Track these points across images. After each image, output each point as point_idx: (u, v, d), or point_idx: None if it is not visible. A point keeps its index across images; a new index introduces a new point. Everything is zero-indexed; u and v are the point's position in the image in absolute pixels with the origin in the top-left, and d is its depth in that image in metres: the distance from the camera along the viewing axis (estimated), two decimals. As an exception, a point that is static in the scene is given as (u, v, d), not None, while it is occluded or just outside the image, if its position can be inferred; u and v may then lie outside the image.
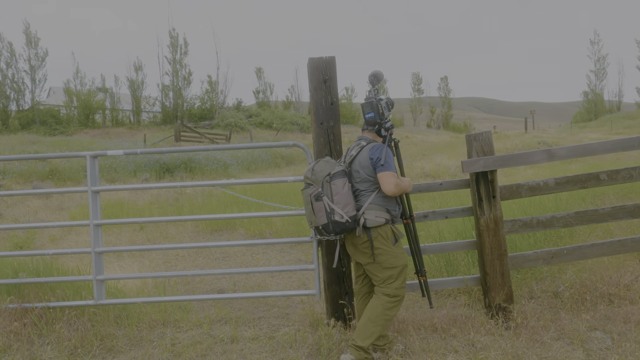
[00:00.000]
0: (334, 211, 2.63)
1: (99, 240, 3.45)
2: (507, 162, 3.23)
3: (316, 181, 2.70)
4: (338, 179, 2.68)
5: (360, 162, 2.76)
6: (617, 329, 3.02)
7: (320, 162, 2.78)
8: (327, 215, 2.64)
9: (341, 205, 2.64)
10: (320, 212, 2.66)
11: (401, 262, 2.74)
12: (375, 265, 2.72)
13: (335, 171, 2.69)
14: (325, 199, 2.65)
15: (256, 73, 50.09)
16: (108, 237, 6.66)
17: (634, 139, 3.23)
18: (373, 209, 2.72)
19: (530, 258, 3.34)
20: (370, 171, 2.72)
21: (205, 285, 4.56)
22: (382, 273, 2.72)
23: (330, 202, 2.64)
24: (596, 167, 9.89)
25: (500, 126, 75.32)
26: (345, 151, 2.96)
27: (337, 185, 2.66)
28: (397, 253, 2.74)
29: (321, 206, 2.66)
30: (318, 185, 2.69)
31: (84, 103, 36.07)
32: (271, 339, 3.22)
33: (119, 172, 14.37)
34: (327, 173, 2.69)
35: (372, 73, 2.89)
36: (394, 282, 2.72)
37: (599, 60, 48.73)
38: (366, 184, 2.75)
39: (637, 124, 33.09)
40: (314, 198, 2.68)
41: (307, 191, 2.73)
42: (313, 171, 2.73)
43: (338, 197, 2.65)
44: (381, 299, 2.72)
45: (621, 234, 4.68)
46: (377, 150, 2.72)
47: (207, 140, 24.46)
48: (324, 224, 2.66)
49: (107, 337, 3.29)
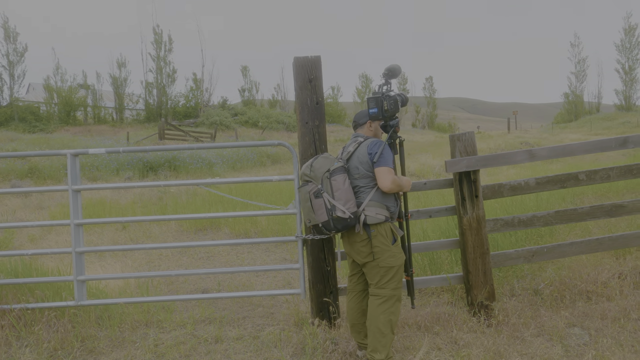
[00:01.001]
0: (335, 207, 2.57)
1: (79, 240, 3.39)
2: (490, 162, 3.28)
3: (315, 178, 2.63)
4: (338, 174, 2.61)
5: (359, 158, 2.69)
6: (595, 325, 3.09)
7: (319, 158, 2.71)
8: (328, 212, 2.57)
9: (342, 201, 2.58)
10: (320, 209, 2.59)
11: (398, 262, 2.67)
12: (373, 264, 2.66)
13: (335, 167, 2.63)
14: (326, 195, 2.59)
15: (242, 71, 49.78)
16: (90, 236, 6.54)
17: (611, 140, 3.32)
18: (373, 206, 2.65)
19: (511, 256, 3.40)
20: (369, 167, 2.66)
21: (189, 285, 4.52)
22: (379, 272, 2.65)
23: (331, 198, 2.58)
24: (576, 167, 10.12)
25: (484, 126, 76.39)
26: (341, 149, 2.91)
27: (338, 181, 2.60)
28: (395, 252, 2.68)
29: (321, 203, 2.59)
30: (317, 182, 2.62)
31: (64, 100, 35.29)
32: (256, 338, 3.21)
33: (101, 170, 14.12)
34: (327, 169, 2.62)
35: (387, 67, 2.77)
36: (389, 282, 2.65)
37: (579, 62, 49.78)
38: (365, 180, 2.69)
39: (615, 125, 33.94)
40: (314, 195, 2.61)
41: (306, 188, 2.66)
42: (312, 167, 2.66)
43: (339, 193, 2.59)
44: (380, 306, 2.64)
45: (599, 233, 4.80)
46: (376, 145, 2.67)
47: (192, 139, 24.21)
48: (324, 221, 2.59)
49: (88, 339, 3.24)
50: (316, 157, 2.74)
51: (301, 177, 2.76)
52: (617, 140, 3.32)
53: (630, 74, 45.65)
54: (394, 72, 2.77)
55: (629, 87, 45.84)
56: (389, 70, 2.76)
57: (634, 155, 11.05)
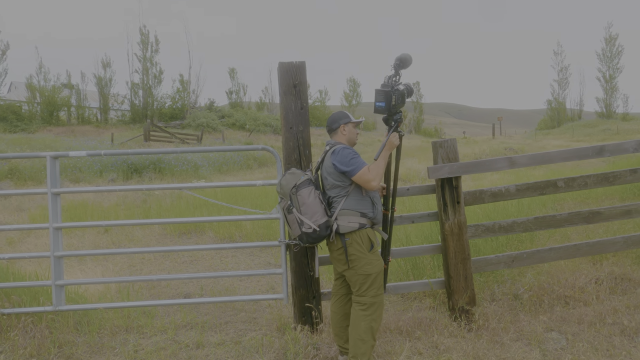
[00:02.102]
0: (302, 222, 2.63)
1: (58, 244, 3.33)
2: (471, 169, 3.33)
3: (284, 195, 2.73)
4: (303, 189, 2.66)
5: (326, 169, 2.75)
6: (572, 329, 3.16)
7: (286, 175, 2.77)
8: (299, 227, 2.64)
9: (308, 215, 2.62)
10: (293, 224, 2.68)
11: (376, 269, 2.66)
12: (351, 271, 2.68)
13: (301, 181, 2.68)
14: (294, 210, 2.66)
15: (229, 73, 49.58)
16: (70, 239, 6.43)
17: (588, 148, 3.40)
18: (346, 215, 2.66)
19: (492, 262, 3.45)
20: (337, 176, 2.69)
21: (172, 289, 4.47)
22: (358, 280, 2.66)
23: (299, 213, 2.64)
24: (558, 173, 10.33)
25: (470, 131, 77.40)
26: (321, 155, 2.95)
27: (303, 196, 2.64)
28: (372, 259, 2.67)
29: (293, 219, 2.67)
30: (287, 199, 2.71)
31: (47, 99, 34.65)
32: (237, 344, 3.19)
33: (83, 171, 13.89)
34: (293, 185, 2.68)
35: (398, 57, 2.63)
36: (368, 290, 2.65)
37: (562, 70, 50.88)
38: (336, 190, 2.71)
39: (596, 132, 34.74)
40: (287, 211, 2.70)
41: (281, 205, 2.78)
42: (281, 185, 2.75)
43: (305, 207, 2.64)
44: (360, 314, 2.66)
45: (577, 239, 4.90)
46: (338, 154, 2.66)
47: (178, 141, 23.99)
48: (298, 235, 2.68)
49: (65, 345, 3.18)
50: (284, 174, 2.80)
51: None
52: (594, 149, 3.40)
53: (611, 82, 46.81)
54: (405, 62, 2.61)
55: (610, 95, 47.00)
56: (400, 60, 2.61)
57: (613, 162, 11.32)
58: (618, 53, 46.58)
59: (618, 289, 3.70)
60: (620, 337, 3.00)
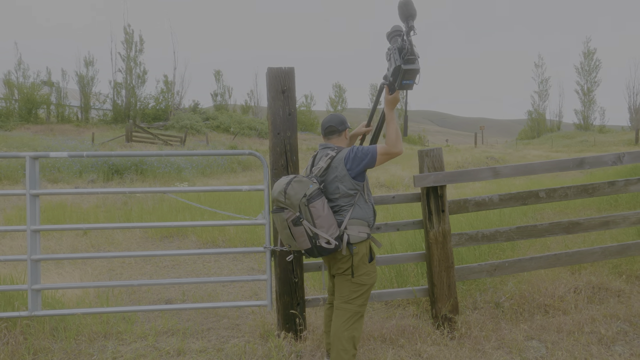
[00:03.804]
0: (317, 236, 2.44)
1: (36, 247, 3.23)
2: (456, 178, 3.37)
3: (292, 205, 2.44)
4: (317, 200, 2.45)
5: (338, 177, 2.57)
6: (551, 338, 3.21)
7: (292, 183, 2.48)
8: (310, 240, 2.44)
9: (325, 228, 2.45)
10: (301, 237, 2.45)
11: (371, 281, 2.62)
12: (347, 278, 2.59)
13: (311, 191, 2.46)
14: (306, 223, 2.44)
15: (215, 75, 49.30)
16: (47, 242, 6.26)
17: (569, 160, 3.49)
18: (355, 224, 2.57)
19: (475, 270, 3.49)
20: (351, 184, 2.56)
21: (153, 294, 4.38)
22: (350, 288, 2.58)
23: (312, 226, 2.44)
24: (539, 183, 10.54)
25: (452, 140, 78.53)
26: (311, 159, 2.79)
27: (317, 208, 2.44)
28: (370, 271, 2.62)
29: (302, 231, 2.44)
30: (294, 210, 2.44)
31: (26, 96, 33.80)
32: (220, 351, 3.15)
33: (63, 172, 13.56)
34: (303, 194, 2.44)
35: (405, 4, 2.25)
36: (357, 299, 2.59)
37: (542, 82, 52.22)
38: (346, 198, 2.58)
39: (574, 143, 35.68)
40: (292, 223, 2.45)
41: (282, 215, 2.48)
42: (286, 195, 2.45)
43: (320, 220, 2.44)
44: (344, 322, 2.58)
45: (557, 248, 5.00)
46: (351, 156, 2.55)
47: (161, 142, 23.67)
48: (307, 248, 2.47)
49: (41, 351, 3.08)
50: (289, 181, 2.50)
51: (274, 201, 2.54)
52: (575, 161, 3.49)
53: (589, 95, 48.25)
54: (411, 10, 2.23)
55: (587, 108, 48.42)
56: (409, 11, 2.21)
57: (591, 174, 11.63)
58: (596, 67, 48.07)
59: (596, 298, 3.79)
60: (597, 346, 3.07)
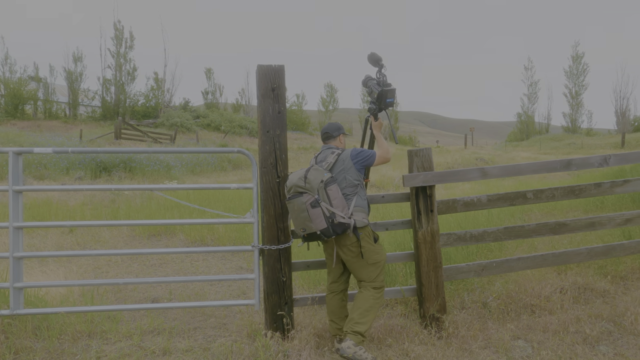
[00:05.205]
0: (334, 214, 2.82)
1: (18, 245, 3.17)
2: (445, 178, 3.38)
3: (311, 189, 2.83)
4: (332, 184, 2.88)
5: (345, 169, 2.99)
6: (537, 337, 3.24)
7: (311, 171, 2.91)
8: (327, 220, 2.80)
9: (340, 208, 2.86)
10: (318, 217, 2.79)
11: (383, 257, 3.03)
12: (362, 262, 2.94)
13: (327, 178, 2.88)
14: (324, 204, 2.82)
15: (206, 73, 48.97)
16: (32, 239, 6.15)
17: (556, 162, 3.52)
18: (358, 212, 2.95)
19: (463, 270, 3.50)
20: (356, 175, 3.00)
21: (139, 293, 4.33)
22: (367, 269, 2.96)
23: (329, 206, 2.83)
24: (527, 184, 10.65)
25: (443, 141, 79.11)
26: (313, 158, 3.14)
27: (333, 191, 2.86)
28: (379, 249, 3.02)
29: (319, 212, 2.80)
30: (313, 193, 2.82)
31: (12, 92, 33.17)
32: (206, 350, 3.11)
33: (49, 168, 13.36)
34: (320, 180, 2.85)
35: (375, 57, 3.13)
36: (379, 275, 3.00)
37: (532, 85, 52.75)
38: (351, 188, 2.99)
39: (562, 146, 36.13)
40: (311, 205, 2.80)
41: (301, 199, 2.82)
42: (307, 180, 2.86)
43: (336, 201, 2.86)
44: (370, 292, 2.96)
45: (544, 249, 5.05)
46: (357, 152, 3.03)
47: (150, 140, 23.43)
48: (323, 228, 2.80)
49: (22, 351, 3.02)
50: (308, 169, 2.93)
51: (291, 188, 2.89)
52: (562, 162, 3.52)
53: (577, 98, 48.86)
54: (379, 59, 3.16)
55: (575, 111, 49.03)
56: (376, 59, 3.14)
57: (578, 176, 11.78)
58: (584, 71, 48.70)
59: (581, 298, 3.83)
60: (582, 346, 3.10)
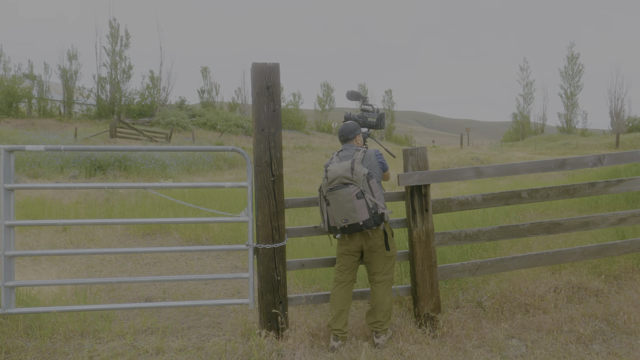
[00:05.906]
0: (377, 206, 2.98)
1: (10, 243, 3.14)
2: (440, 177, 3.38)
3: (358, 181, 2.96)
4: (373, 178, 3.03)
5: (371, 166, 3.15)
6: (531, 336, 3.24)
7: (356, 163, 3.03)
8: (369, 211, 2.95)
9: (381, 201, 3.05)
10: (362, 208, 2.93)
11: (396, 252, 3.25)
12: (381, 254, 3.11)
13: (367, 172, 3.02)
14: (368, 196, 2.96)
15: (202, 72, 48.81)
16: (24, 238, 6.11)
17: (551, 161, 3.52)
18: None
19: (457, 269, 3.50)
20: (379, 173, 3.18)
21: (132, 292, 4.30)
22: (383, 261, 3.13)
23: (373, 197, 2.98)
24: (522, 184, 10.69)
25: (439, 141, 79.30)
26: (335, 154, 3.20)
27: (375, 184, 3.02)
28: (394, 244, 3.25)
29: (363, 203, 2.94)
30: (360, 185, 2.95)
31: (7, 89, 32.92)
32: (200, 349, 3.10)
33: (43, 167, 13.26)
34: (364, 173, 2.99)
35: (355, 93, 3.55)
36: (391, 268, 3.18)
37: (527, 85, 52.99)
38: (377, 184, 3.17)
39: (557, 146, 36.30)
40: (356, 197, 2.93)
41: (347, 190, 2.94)
42: (354, 171, 2.97)
43: (378, 194, 3.02)
44: (385, 285, 3.14)
45: (538, 248, 5.07)
46: (380, 156, 3.25)
47: (146, 139, 23.32)
48: (365, 219, 2.94)
49: (13, 350, 2.99)
50: (352, 161, 3.03)
51: (335, 179, 2.99)
52: (556, 162, 3.53)
53: (572, 99, 49.14)
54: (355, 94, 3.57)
55: (570, 111, 49.31)
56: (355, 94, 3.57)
57: (572, 175, 11.83)
58: (579, 71, 48.98)
59: (575, 297, 3.84)
60: (576, 345, 3.11)
